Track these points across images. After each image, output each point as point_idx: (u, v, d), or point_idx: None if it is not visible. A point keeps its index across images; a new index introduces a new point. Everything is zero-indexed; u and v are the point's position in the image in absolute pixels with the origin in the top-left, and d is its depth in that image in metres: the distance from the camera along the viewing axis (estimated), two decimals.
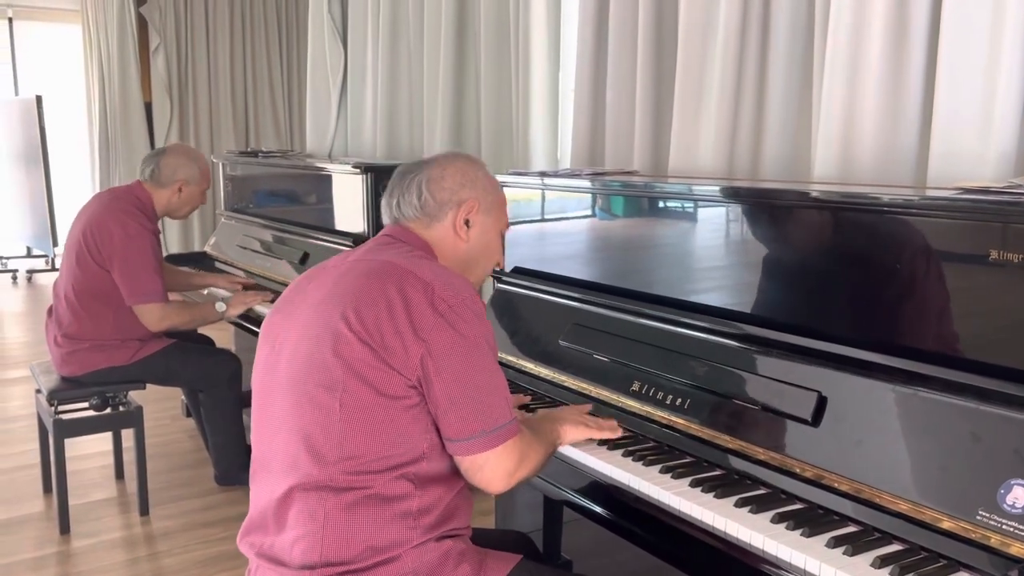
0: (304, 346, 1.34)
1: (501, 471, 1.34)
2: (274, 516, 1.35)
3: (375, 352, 1.27)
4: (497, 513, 2.47)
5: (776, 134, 2.11)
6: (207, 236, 7.17)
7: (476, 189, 1.52)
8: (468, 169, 1.53)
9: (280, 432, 1.35)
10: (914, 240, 1.36)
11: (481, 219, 1.52)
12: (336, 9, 4.25)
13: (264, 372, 1.42)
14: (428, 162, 1.53)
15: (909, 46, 1.76)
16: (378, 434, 1.28)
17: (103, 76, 7.10)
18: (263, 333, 1.46)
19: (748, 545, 1.27)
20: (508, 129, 3.11)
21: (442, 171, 1.51)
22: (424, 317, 1.28)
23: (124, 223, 2.85)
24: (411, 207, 1.49)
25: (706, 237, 1.76)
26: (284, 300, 1.46)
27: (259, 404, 1.42)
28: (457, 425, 1.30)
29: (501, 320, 2.20)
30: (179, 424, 3.96)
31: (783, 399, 1.45)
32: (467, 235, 1.51)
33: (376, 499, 1.29)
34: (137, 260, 2.85)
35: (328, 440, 1.29)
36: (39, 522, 2.95)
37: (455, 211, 1.49)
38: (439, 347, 1.28)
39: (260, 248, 3.73)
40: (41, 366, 3.09)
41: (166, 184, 3.00)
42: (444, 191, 1.49)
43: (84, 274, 2.87)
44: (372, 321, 1.28)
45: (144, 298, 2.85)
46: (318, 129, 4.45)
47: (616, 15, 2.47)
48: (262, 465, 1.40)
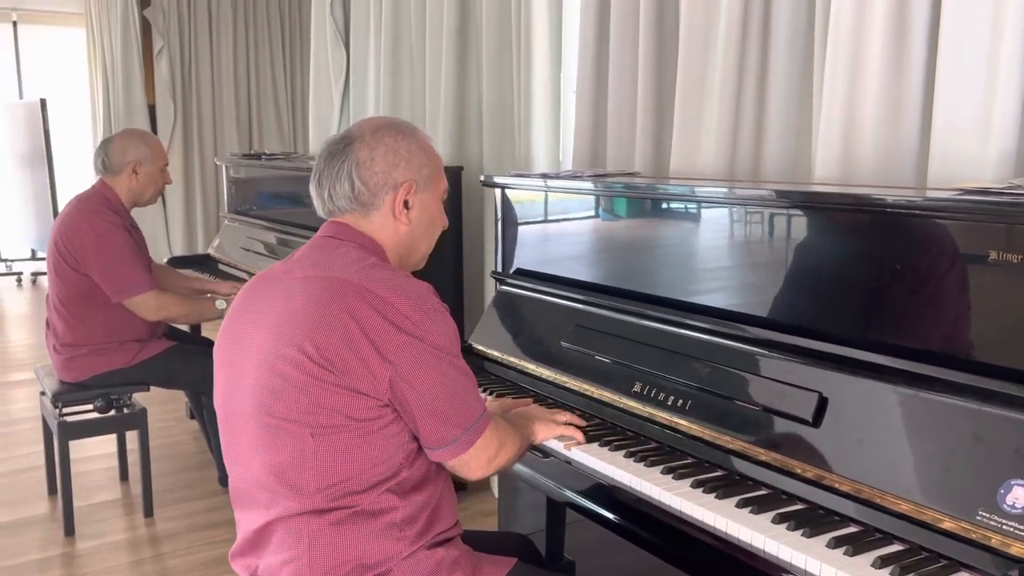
0: (264, 375, 1.29)
1: (482, 460, 1.37)
2: (260, 541, 1.34)
3: (340, 380, 1.24)
4: (500, 514, 2.48)
5: (777, 135, 2.11)
6: (210, 239, 7.19)
7: (410, 167, 1.41)
8: (398, 145, 1.40)
9: (251, 466, 1.32)
10: (915, 241, 1.36)
11: (420, 197, 1.43)
12: (338, 11, 4.26)
13: (223, 397, 1.38)
14: (353, 141, 1.40)
15: (909, 47, 1.77)
16: (356, 458, 1.27)
17: (107, 79, 7.12)
18: (216, 357, 1.41)
19: (749, 546, 1.27)
20: (510, 130, 3.11)
21: (371, 152, 1.39)
22: (387, 337, 1.25)
23: (92, 223, 2.82)
24: (344, 199, 1.40)
25: (707, 238, 1.76)
26: (236, 313, 1.40)
27: (226, 435, 1.39)
28: (438, 433, 1.30)
29: (503, 322, 2.21)
30: (183, 426, 3.97)
31: (784, 400, 1.45)
32: (407, 218, 1.42)
33: (361, 515, 1.28)
34: (112, 256, 2.81)
35: (304, 472, 1.26)
36: (44, 524, 2.96)
37: (392, 195, 1.40)
38: (408, 364, 1.26)
39: (263, 250, 3.74)
40: (45, 368, 3.10)
41: (119, 170, 2.94)
42: (376, 175, 1.39)
43: (65, 283, 2.85)
44: (332, 350, 1.24)
45: (130, 291, 2.82)
46: (321, 131, 4.46)
47: (617, 16, 2.47)
48: (239, 495, 1.38)
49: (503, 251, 2.31)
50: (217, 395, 1.41)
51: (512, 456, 1.44)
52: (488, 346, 2.16)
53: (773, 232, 1.61)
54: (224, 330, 1.42)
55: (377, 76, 3.95)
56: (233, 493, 1.40)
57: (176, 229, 7.25)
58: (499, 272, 2.32)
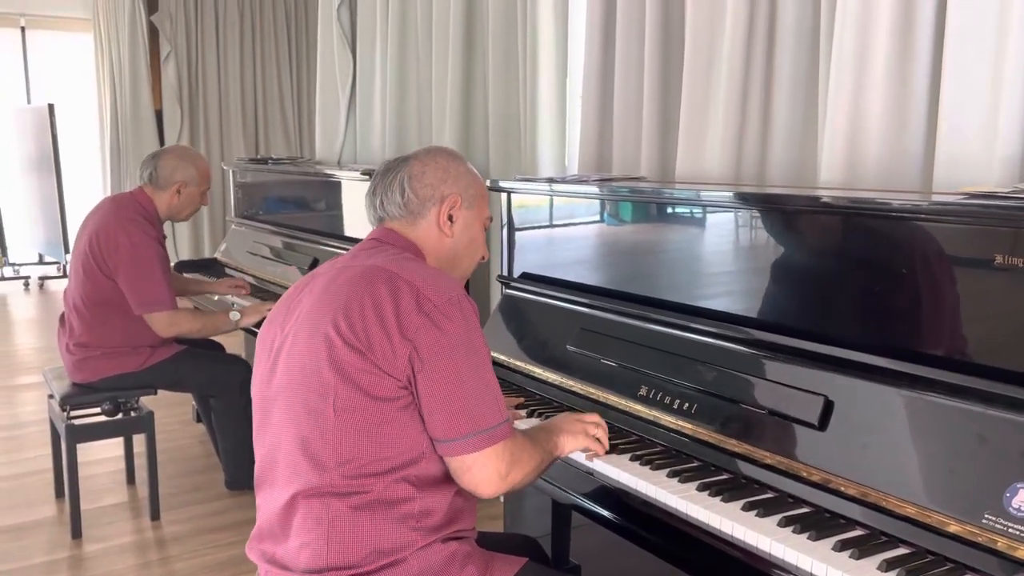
0: (297, 355, 1.35)
1: (491, 472, 1.32)
2: (280, 524, 1.36)
3: (364, 356, 1.28)
4: (506, 517, 2.48)
5: (782, 140, 2.11)
6: (216, 243, 7.21)
7: (458, 184, 1.52)
8: (449, 164, 1.53)
9: (279, 441, 1.37)
10: (920, 245, 1.36)
11: (464, 213, 1.53)
12: (345, 16, 4.28)
13: (261, 383, 1.43)
14: (409, 158, 1.54)
15: (914, 51, 1.77)
16: (373, 436, 1.29)
17: (114, 84, 7.16)
18: (259, 344, 1.48)
19: (755, 548, 1.27)
20: (516, 135, 3.12)
21: (423, 167, 1.51)
22: (410, 318, 1.29)
23: (129, 232, 2.85)
24: (395, 205, 1.51)
25: (712, 242, 1.77)
26: (277, 311, 1.47)
27: (258, 415, 1.44)
28: (444, 425, 1.30)
29: (509, 325, 2.22)
30: (190, 429, 3.98)
31: (790, 403, 1.46)
32: (451, 230, 1.51)
33: (378, 503, 1.30)
34: (143, 269, 2.85)
35: (325, 446, 1.30)
36: (51, 527, 2.97)
37: (438, 207, 1.50)
38: (425, 347, 1.29)
39: (270, 254, 3.75)
40: (54, 372, 3.12)
41: (165, 186, 3.00)
42: (426, 187, 1.50)
43: (92, 284, 2.88)
44: (360, 326, 1.29)
45: (152, 307, 2.86)
46: (327, 136, 4.48)
47: (623, 22, 2.48)
48: (264, 475, 1.42)
49: (509, 255, 2.32)
50: (255, 379, 1.46)
51: (529, 474, 1.40)
52: (494, 350, 2.16)
53: (778, 236, 1.62)
54: (268, 323, 1.48)
55: (384, 81, 3.96)
56: (257, 477, 1.43)
57: (182, 233, 7.28)
58: (505, 276, 2.33)
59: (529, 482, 1.43)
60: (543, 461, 1.45)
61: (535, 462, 1.41)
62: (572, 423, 1.56)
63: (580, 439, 1.54)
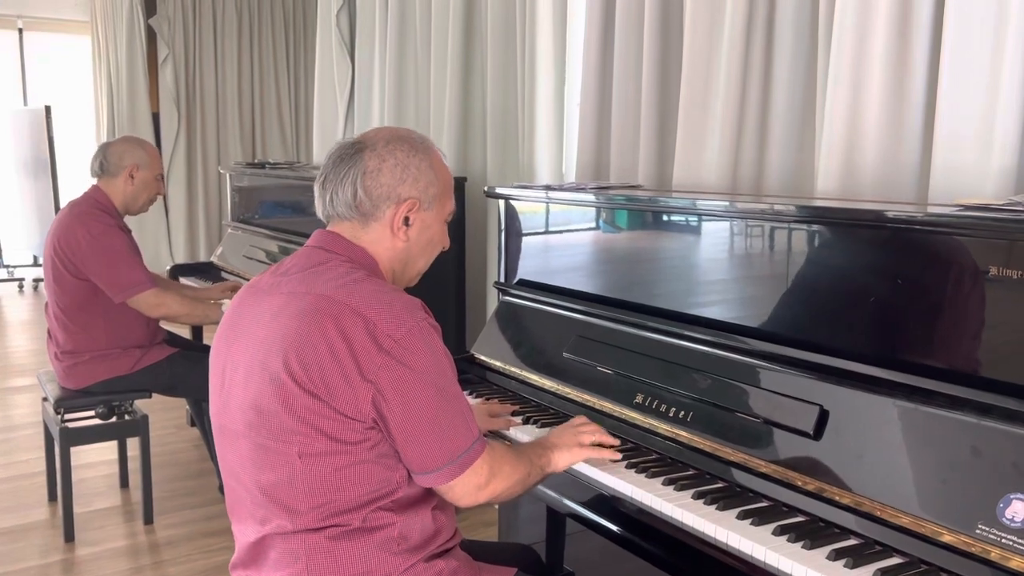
0: (251, 393, 1.27)
1: (471, 487, 1.31)
2: (257, 557, 1.32)
3: (324, 402, 1.21)
4: (500, 525, 2.48)
5: (779, 149, 2.12)
6: (212, 247, 7.20)
7: (417, 185, 1.37)
8: (409, 159, 1.37)
9: (243, 482, 1.31)
10: (916, 256, 1.37)
11: (421, 216, 1.39)
12: (343, 21, 4.29)
13: (216, 409, 1.37)
14: (364, 148, 1.37)
15: (911, 61, 1.78)
16: (344, 480, 1.24)
17: (111, 87, 7.16)
18: (211, 360, 1.40)
19: (750, 557, 1.27)
20: (513, 141, 3.13)
21: (380, 163, 1.35)
22: (370, 358, 1.21)
23: (87, 225, 2.81)
24: (344, 205, 1.37)
25: (709, 251, 1.77)
26: (225, 325, 1.38)
27: (219, 447, 1.37)
28: (420, 460, 1.26)
29: (505, 332, 2.22)
30: (184, 433, 3.98)
31: (785, 412, 1.46)
32: (405, 234, 1.39)
33: (356, 532, 1.26)
34: (110, 256, 2.80)
35: (295, 493, 1.25)
36: (44, 530, 2.96)
37: (393, 209, 1.37)
38: (388, 386, 1.22)
39: (266, 259, 3.75)
40: (48, 374, 3.11)
41: (116, 173, 2.94)
42: (381, 187, 1.36)
43: (63, 290, 2.85)
44: (316, 369, 1.21)
45: (131, 290, 2.81)
46: (325, 140, 4.48)
47: (622, 29, 2.49)
48: (233, 507, 1.37)
49: (506, 262, 2.32)
50: (211, 399, 1.39)
51: (512, 486, 1.37)
52: (490, 356, 2.16)
53: (775, 245, 1.62)
54: (217, 340, 1.40)
55: (382, 87, 3.97)
56: (229, 504, 1.39)
57: (178, 237, 7.27)
58: (502, 282, 2.33)
59: (515, 494, 1.41)
60: (530, 475, 1.42)
61: (519, 475, 1.38)
62: (566, 436, 1.54)
63: (576, 452, 1.51)
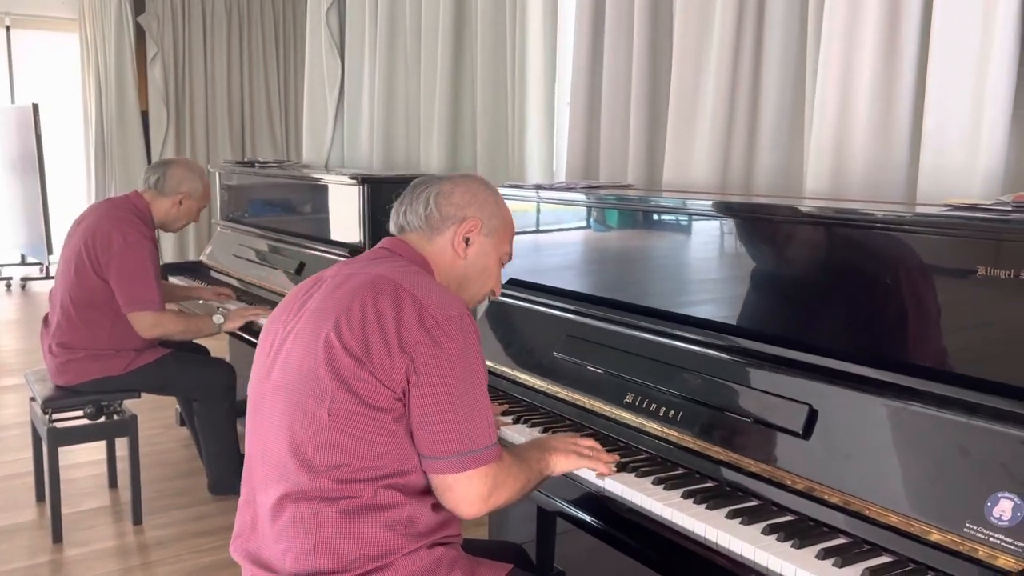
0: (296, 355, 1.35)
1: (473, 494, 1.32)
2: (266, 522, 1.36)
3: (363, 364, 1.28)
4: (491, 524, 2.48)
5: (769, 149, 2.13)
6: (201, 246, 7.17)
7: (483, 210, 1.53)
8: (479, 190, 1.55)
9: (271, 439, 1.36)
10: (905, 256, 1.38)
11: (481, 240, 1.53)
12: (334, 21, 4.28)
13: (259, 377, 1.44)
14: (443, 178, 1.57)
15: (900, 62, 1.79)
16: (365, 444, 1.29)
17: (100, 85, 7.12)
18: (261, 340, 1.48)
19: (739, 556, 1.28)
20: (504, 141, 3.13)
21: (453, 187, 1.53)
22: (411, 332, 1.29)
23: (124, 231, 2.87)
24: (416, 216, 1.52)
25: (700, 251, 1.78)
26: (283, 307, 1.48)
27: (253, 409, 1.43)
28: (430, 441, 1.29)
29: (496, 331, 2.22)
30: (173, 433, 3.96)
31: (775, 412, 1.47)
32: (465, 252, 1.52)
33: (367, 508, 1.30)
34: (135, 268, 2.85)
35: (317, 449, 1.30)
36: (32, 531, 2.94)
37: (457, 227, 1.51)
38: (422, 362, 1.28)
39: (256, 258, 3.73)
40: (36, 374, 3.09)
41: (168, 194, 3.03)
42: (451, 206, 1.51)
43: (82, 284, 2.87)
44: (361, 334, 1.29)
45: (140, 306, 2.86)
46: (315, 140, 4.47)
47: (612, 29, 2.50)
48: (253, 469, 1.41)
49: None
50: (253, 372, 1.45)
51: (513, 496, 1.39)
52: None
53: (765, 246, 1.63)
54: (274, 315, 1.48)
55: (372, 86, 3.96)
56: (246, 470, 1.43)
57: (167, 235, 7.23)
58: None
59: (514, 502, 1.42)
60: (529, 481, 1.44)
61: (520, 484, 1.40)
62: (564, 442, 1.56)
63: (572, 459, 1.53)
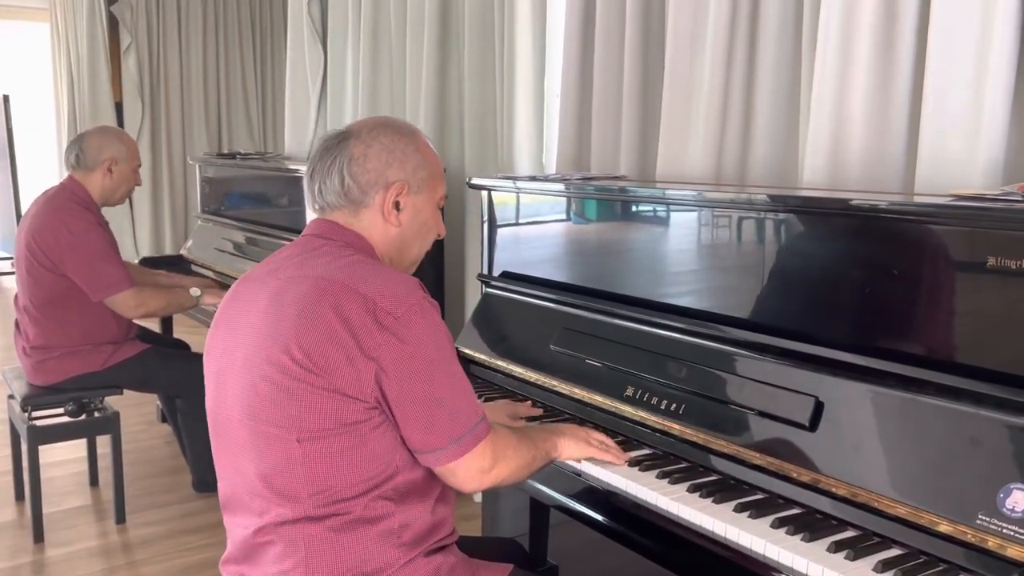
0: (251, 380, 1.26)
1: (474, 470, 1.29)
2: (253, 551, 1.30)
3: (326, 383, 1.21)
4: (484, 518, 2.46)
5: (764, 139, 2.12)
6: (178, 240, 7.07)
7: (404, 168, 1.38)
8: (395, 144, 1.38)
9: (241, 471, 1.30)
10: (911, 246, 1.37)
11: (412, 199, 1.40)
12: (316, 10, 4.21)
13: (213, 401, 1.35)
14: (348, 137, 1.38)
15: (897, 52, 1.78)
16: (345, 463, 1.23)
17: (72, 76, 6.97)
18: (207, 353, 1.38)
19: (749, 550, 1.27)
20: (492, 132, 3.09)
21: (365, 149, 1.36)
22: (370, 336, 1.21)
23: (67, 222, 2.76)
24: (334, 194, 1.37)
25: (701, 242, 1.76)
26: (221, 316, 1.38)
27: (215, 442, 1.36)
28: (422, 438, 1.26)
29: (490, 324, 2.19)
30: (155, 430, 3.90)
31: (780, 404, 1.45)
32: (397, 219, 1.39)
33: (358, 522, 1.25)
34: (90, 254, 2.75)
35: (294, 480, 1.24)
36: (12, 531, 2.88)
37: (382, 194, 1.37)
38: (390, 363, 1.22)
39: (236, 251, 3.68)
40: (13, 371, 3.02)
41: (94, 167, 2.90)
42: (368, 172, 1.36)
43: (38, 284, 2.78)
44: (318, 351, 1.21)
45: (110, 289, 2.76)
46: (297, 131, 4.41)
47: (603, 19, 2.47)
48: (230, 500, 1.35)
49: (489, 254, 2.30)
50: (208, 402, 1.37)
51: (517, 470, 1.37)
52: (475, 349, 2.14)
53: (768, 237, 1.62)
54: (211, 336, 1.39)
55: (356, 77, 3.91)
56: (223, 498, 1.37)
57: (143, 229, 7.11)
58: (485, 275, 2.31)
59: (520, 478, 1.41)
60: (535, 459, 1.42)
61: (523, 459, 1.38)
62: (575, 429, 1.55)
63: (583, 446, 1.52)
